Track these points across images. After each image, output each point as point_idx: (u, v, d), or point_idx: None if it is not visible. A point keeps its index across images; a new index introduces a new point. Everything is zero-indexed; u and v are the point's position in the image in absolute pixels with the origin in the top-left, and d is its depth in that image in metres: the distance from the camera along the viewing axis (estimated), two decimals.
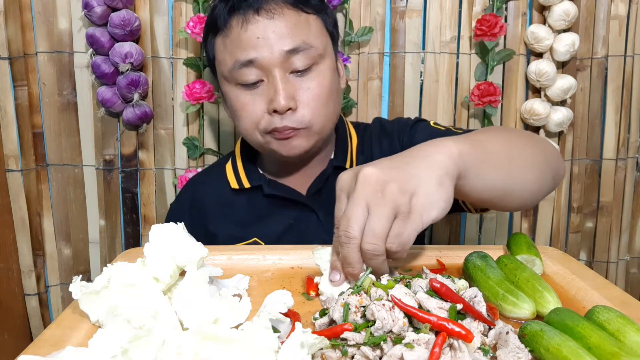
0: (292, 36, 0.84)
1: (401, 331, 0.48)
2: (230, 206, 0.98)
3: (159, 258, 0.56)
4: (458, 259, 0.70)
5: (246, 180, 0.98)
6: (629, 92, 1.25)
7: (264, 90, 0.86)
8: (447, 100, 1.22)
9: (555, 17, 1.16)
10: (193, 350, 0.45)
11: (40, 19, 1.18)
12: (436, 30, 1.20)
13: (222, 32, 0.88)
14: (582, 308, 0.59)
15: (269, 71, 0.85)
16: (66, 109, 1.22)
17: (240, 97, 0.88)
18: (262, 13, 0.84)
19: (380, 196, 0.56)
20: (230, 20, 0.86)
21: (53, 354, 0.47)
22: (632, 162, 1.29)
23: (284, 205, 0.95)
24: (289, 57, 0.84)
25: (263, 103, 0.86)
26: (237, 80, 0.87)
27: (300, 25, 0.86)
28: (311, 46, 0.86)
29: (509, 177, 0.71)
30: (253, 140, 0.91)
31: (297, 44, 0.84)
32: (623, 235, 1.32)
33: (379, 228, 0.56)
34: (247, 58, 0.84)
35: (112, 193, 1.26)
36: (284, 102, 0.83)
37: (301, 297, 0.62)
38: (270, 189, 0.96)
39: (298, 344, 0.45)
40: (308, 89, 0.86)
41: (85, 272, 1.29)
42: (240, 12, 0.85)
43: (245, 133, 0.91)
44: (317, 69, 0.87)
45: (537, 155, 0.77)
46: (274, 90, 0.84)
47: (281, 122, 0.85)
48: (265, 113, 0.86)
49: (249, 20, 0.84)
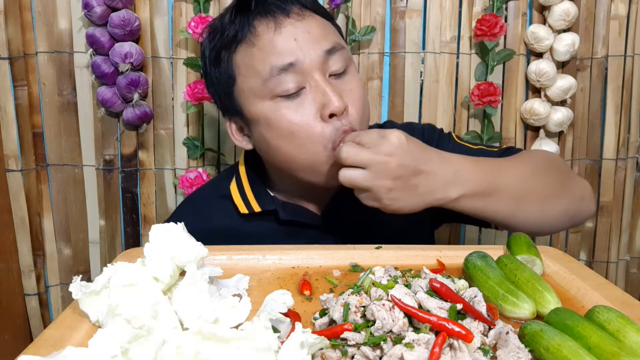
0: (327, 36, 0.80)
1: (401, 331, 0.48)
2: (239, 233, 0.90)
3: (159, 258, 0.56)
4: (458, 259, 0.70)
5: (257, 205, 0.89)
6: (629, 92, 1.25)
7: (308, 99, 0.78)
8: (447, 100, 1.22)
9: (555, 17, 1.16)
10: (193, 350, 0.45)
11: (40, 19, 1.19)
12: (436, 30, 1.20)
13: (246, 42, 0.79)
14: (582, 308, 0.59)
15: (309, 76, 0.78)
16: (66, 109, 1.22)
17: (283, 111, 0.78)
18: (292, 15, 0.79)
19: None
20: (256, 26, 0.79)
21: (53, 354, 0.47)
22: (632, 162, 1.29)
23: (299, 229, 0.89)
24: (327, 59, 0.79)
25: (311, 112, 0.77)
26: (274, 92, 0.78)
27: (327, 27, 0.82)
28: (343, 47, 0.82)
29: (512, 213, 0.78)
30: (310, 161, 0.79)
31: (333, 44, 0.80)
32: (623, 235, 1.32)
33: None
34: (286, 62, 0.77)
35: (112, 193, 1.26)
36: (339, 102, 0.76)
37: (301, 297, 0.62)
38: (286, 214, 0.88)
39: (298, 344, 0.45)
40: (350, 91, 0.80)
41: (85, 272, 1.29)
42: (268, 17, 0.79)
43: (300, 152, 0.79)
44: (350, 70, 0.82)
45: (555, 197, 0.82)
46: (322, 94, 0.77)
47: (344, 123, 0.78)
48: (319, 122, 0.77)
49: (281, 24, 0.78)
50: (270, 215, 0.89)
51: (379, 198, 0.72)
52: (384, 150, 0.70)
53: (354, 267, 0.71)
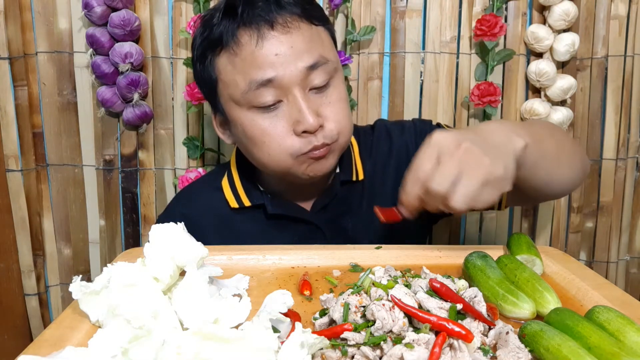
0: (310, 51, 0.79)
1: (401, 331, 0.48)
2: (229, 226, 0.92)
3: (159, 258, 0.56)
4: (458, 259, 0.70)
5: (246, 199, 0.91)
6: (629, 92, 1.25)
7: (283, 112, 0.79)
8: (447, 100, 1.22)
9: (555, 17, 1.16)
10: (193, 350, 0.45)
11: (40, 19, 1.18)
12: (436, 30, 1.20)
13: (229, 50, 0.79)
14: (582, 308, 0.59)
15: (288, 90, 0.78)
16: (66, 109, 1.22)
17: (258, 122, 0.80)
18: (277, 27, 0.78)
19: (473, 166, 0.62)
20: (239, 36, 0.78)
21: (53, 354, 0.47)
22: (632, 162, 1.29)
23: (288, 223, 0.91)
24: (308, 74, 0.79)
25: (284, 126, 0.79)
26: (251, 103, 0.79)
27: (315, 39, 0.81)
28: (327, 60, 0.81)
29: (553, 171, 0.78)
30: (278, 167, 0.83)
31: (316, 59, 0.79)
32: (623, 235, 1.32)
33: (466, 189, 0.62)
34: (265, 77, 0.77)
35: (112, 193, 1.26)
36: (312, 121, 0.77)
37: (301, 297, 0.62)
38: (274, 208, 0.90)
39: (298, 344, 0.45)
40: (330, 104, 0.81)
41: (85, 272, 1.29)
42: (252, 27, 0.78)
43: (269, 160, 0.82)
44: (333, 83, 0.82)
45: (576, 154, 0.84)
46: (298, 110, 0.78)
47: (317, 139, 0.79)
48: (291, 136, 0.80)
49: (264, 36, 0.77)
50: (259, 208, 0.91)
51: (497, 178, 0.63)
52: (449, 147, 0.63)
53: (354, 267, 0.71)
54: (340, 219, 0.92)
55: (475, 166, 0.62)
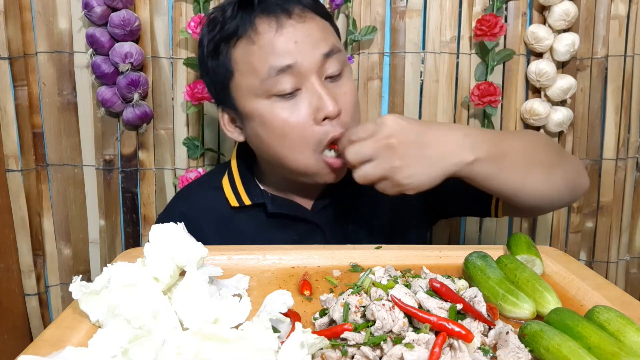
0: (325, 39, 0.81)
1: (401, 331, 0.48)
2: (229, 225, 0.92)
3: (159, 258, 0.56)
4: (458, 259, 0.70)
5: (247, 198, 0.91)
6: (629, 92, 1.25)
7: (303, 100, 0.79)
8: (447, 100, 1.22)
9: (555, 17, 1.16)
10: (193, 350, 0.45)
11: (40, 19, 1.18)
12: (436, 30, 1.20)
13: (247, 39, 0.80)
14: (582, 308, 0.59)
15: (305, 78, 0.79)
16: (66, 109, 1.22)
17: (278, 111, 0.79)
18: (294, 17, 0.80)
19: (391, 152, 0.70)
20: (257, 25, 0.79)
21: (53, 354, 0.47)
22: (632, 162, 1.29)
23: (288, 222, 0.91)
24: (324, 62, 0.80)
25: (305, 114, 0.79)
26: (270, 92, 0.79)
27: (327, 29, 0.84)
28: (340, 50, 0.83)
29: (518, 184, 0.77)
30: (300, 163, 0.82)
31: (331, 47, 0.81)
32: (623, 235, 1.32)
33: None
34: (285, 64, 0.78)
35: (112, 193, 1.26)
36: (333, 107, 0.78)
37: (301, 297, 0.62)
38: (274, 207, 0.90)
39: (298, 344, 0.45)
40: (344, 94, 0.82)
41: (85, 272, 1.29)
42: (270, 16, 0.79)
43: (290, 153, 0.81)
44: (345, 74, 0.84)
45: (559, 168, 0.82)
46: (318, 97, 0.79)
47: (334, 129, 0.79)
48: (312, 125, 0.79)
49: (282, 24, 0.79)
50: (260, 207, 0.91)
51: (396, 182, 0.71)
52: (383, 134, 0.71)
53: (354, 267, 0.71)
54: (341, 219, 0.92)
55: (385, 161, 0.70)
